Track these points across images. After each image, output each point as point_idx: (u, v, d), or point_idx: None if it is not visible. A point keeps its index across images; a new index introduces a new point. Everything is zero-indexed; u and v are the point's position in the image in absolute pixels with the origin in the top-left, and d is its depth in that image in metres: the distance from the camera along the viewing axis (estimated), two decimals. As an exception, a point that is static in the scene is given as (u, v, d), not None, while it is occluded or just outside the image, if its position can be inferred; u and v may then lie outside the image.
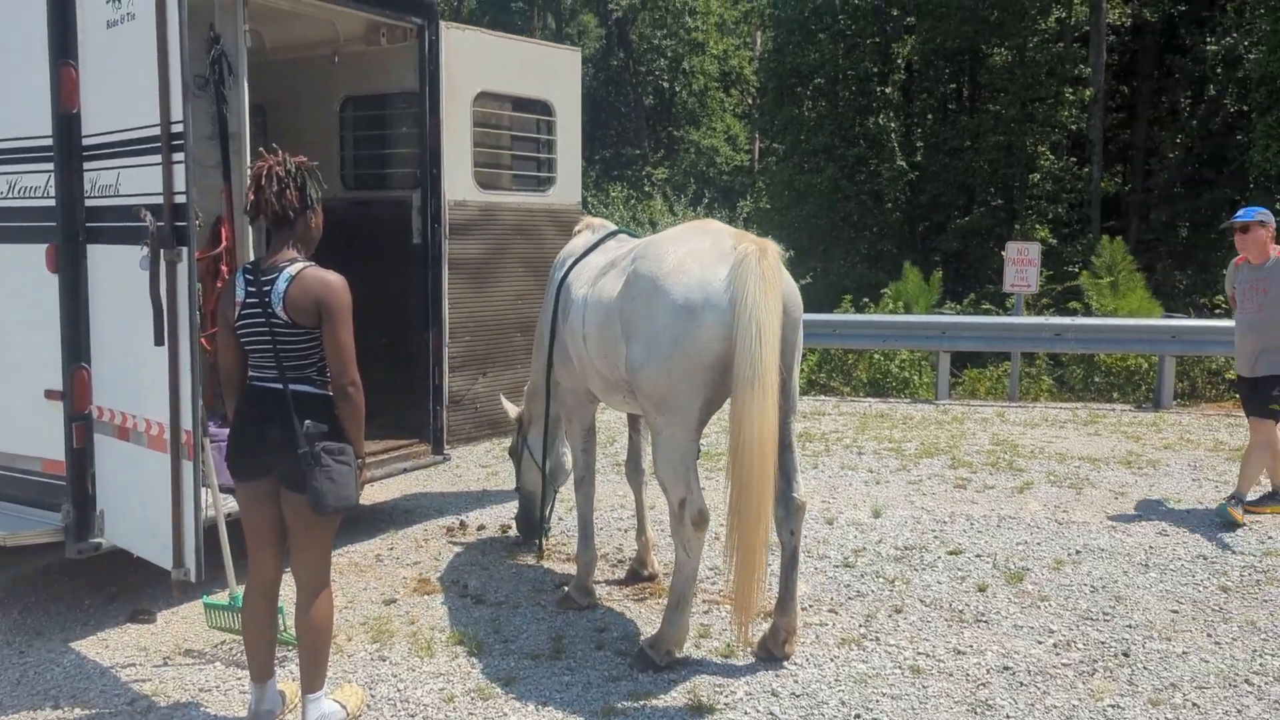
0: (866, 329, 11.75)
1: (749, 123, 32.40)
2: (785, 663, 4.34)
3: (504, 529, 6.49)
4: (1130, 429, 9.46)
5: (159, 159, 3.98)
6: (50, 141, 4.53)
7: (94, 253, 4.56)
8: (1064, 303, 14.27)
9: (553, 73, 6.93)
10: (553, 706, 4.01)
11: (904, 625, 4.80)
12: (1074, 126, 22.25)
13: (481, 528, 6.55)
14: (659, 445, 4.24)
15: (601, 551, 5.83)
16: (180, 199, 3.99)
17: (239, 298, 3.52)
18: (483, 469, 8.20)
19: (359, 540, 6.21)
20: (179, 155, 3.95)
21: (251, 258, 5.52)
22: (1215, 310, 12.99)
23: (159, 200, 4.02)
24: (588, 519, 5.20)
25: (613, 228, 5.44)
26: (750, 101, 32.70)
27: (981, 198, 23.93)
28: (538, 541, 5.86)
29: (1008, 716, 3.91)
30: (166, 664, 4.52)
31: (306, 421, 3.42)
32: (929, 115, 26.30)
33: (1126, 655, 4.43)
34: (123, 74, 4.21)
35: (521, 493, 5.99)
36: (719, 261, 4.09)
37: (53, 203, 4.59)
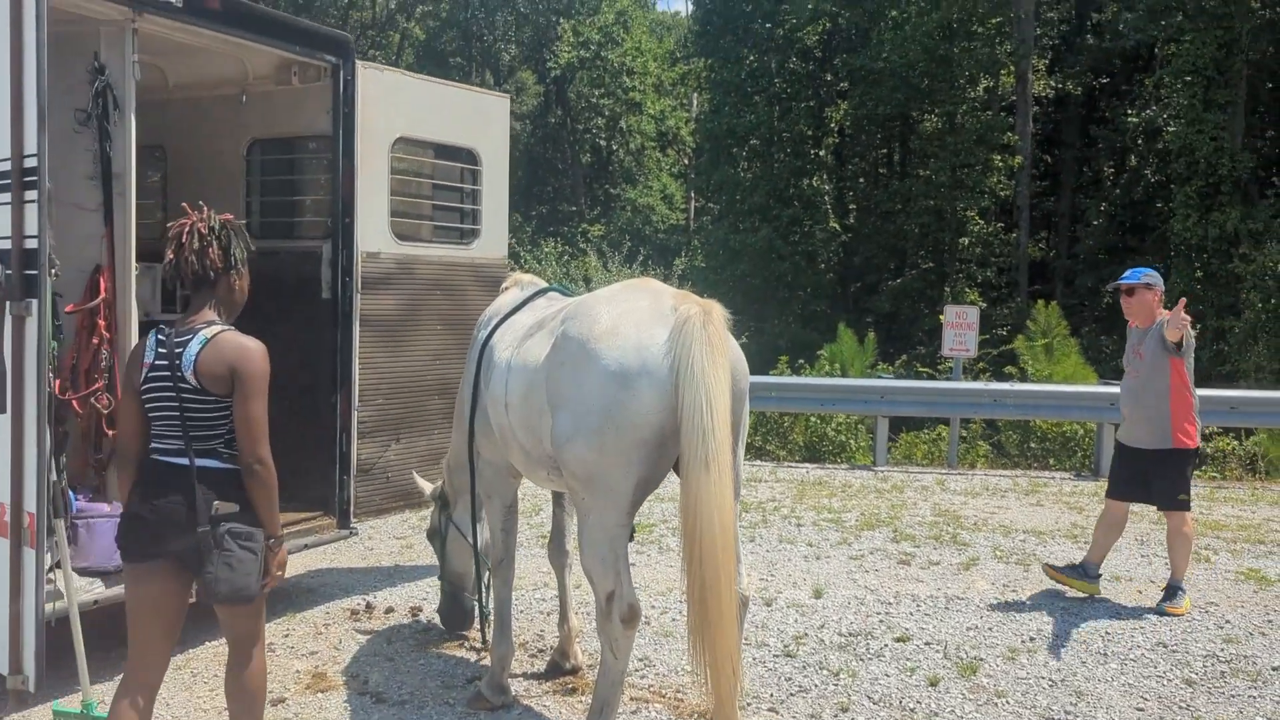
0: (805, 391, 11.45)
1: (685, 182, 32.56)
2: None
3: (414, 612, 5.90)
4: (1072, 499, 9.25)
5: (8, 197, 3.44)
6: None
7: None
8: (1000, 367, 14.22)
9: (480, 120, 6.53)
10: (456, 838, 3.45)
11: (853, 728, 4.35)
12: (1002, 193, 22.68)
13: (390, 610, 5.95)
14: (585, 529, 3.77)
15: (520, 639, 5.29)
16: (32, 244, 3.45)
17: (147, 359, 3.26)
18: (397, 540, 7.59)
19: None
20: (32, 194, 3.42)
21: (134, 310, 4.96)
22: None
23: (7, 245, 3.47)
24: (505, 607, 4.68)
25: (543, 284, 5.00)
26: (686, 161, 32.89)
27: (912, 260, 24.20)
28: (478, 630, 5.27)
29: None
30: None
31: (215, 501, 3.20)
32: (861, 179, 26.71)
33: (1095, 762, 4.05)
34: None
35: (447, 580, 5.39)
36: (657, 323, 3.67)
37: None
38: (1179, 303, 5.74)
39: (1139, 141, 21.76)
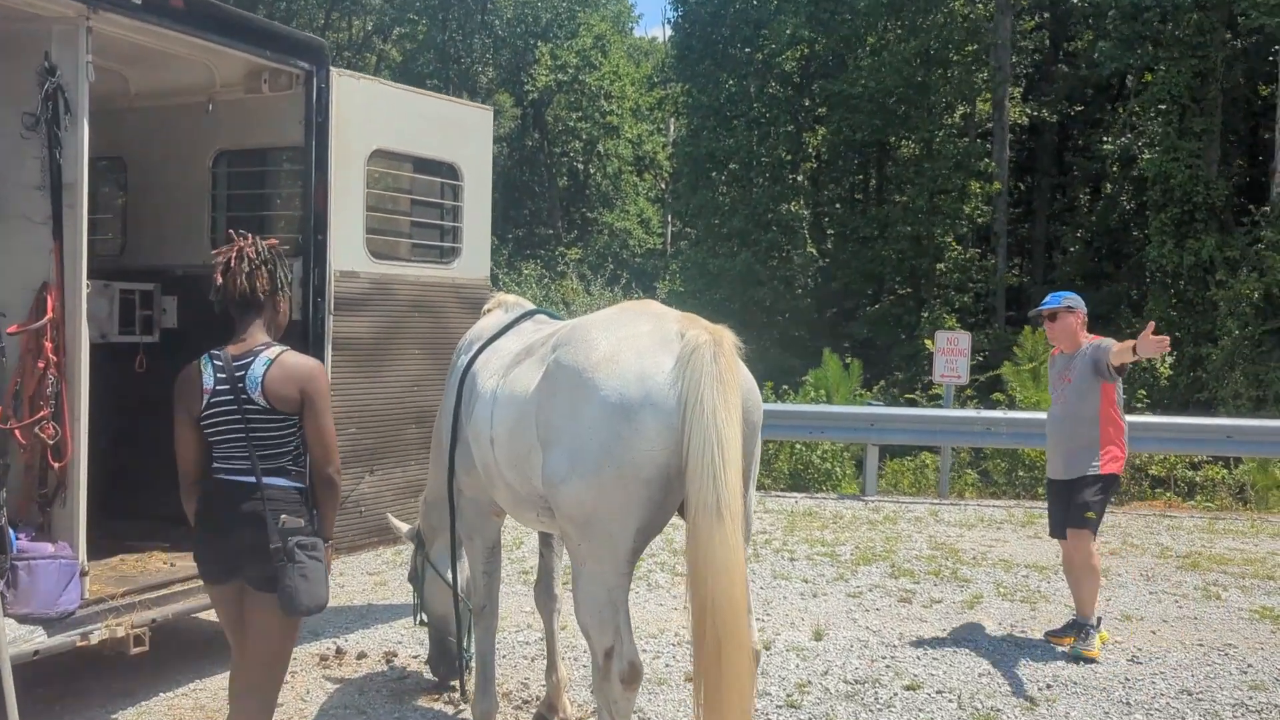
0: (793, 419, 11.13)
1: (662, 206, 32.37)
2: None
3: (388, 657, 5.50)
4: (1068, 531, 8.98)
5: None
6: None
7: None
8: (985, 394, 14.01)
9: (461, 133, 6.20)
10: None
11: (870, 790, 4.00)
12: (979, 219, 22.65)
13: (362, 655, 5.54)
14: (581, 581, 3.40)
15: (503, 688, 4.90)
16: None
17: (207, 385, 3.30)
18: (369, 577, 7.17)
19: (209, 675, 5.11)
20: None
21: (85, 331, 4.56)
22: (1136, 405, 12.89)
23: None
24: (488, 658, 4.31)
25: (530, 307, 4.65)
26: (664, 185, 32.74)
27: (889, 286, 24.09)
28: (458, 681, 4.87)
29: None
30: None
31: (282, 516, 3.28)
32: (838, 204, 26.62)
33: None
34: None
35: (431, 625, 5.00)
36: (661, 350, 3.33)
37: None
38: (1148, 325, 5.47)
39: (1114, 169, 21.81)
